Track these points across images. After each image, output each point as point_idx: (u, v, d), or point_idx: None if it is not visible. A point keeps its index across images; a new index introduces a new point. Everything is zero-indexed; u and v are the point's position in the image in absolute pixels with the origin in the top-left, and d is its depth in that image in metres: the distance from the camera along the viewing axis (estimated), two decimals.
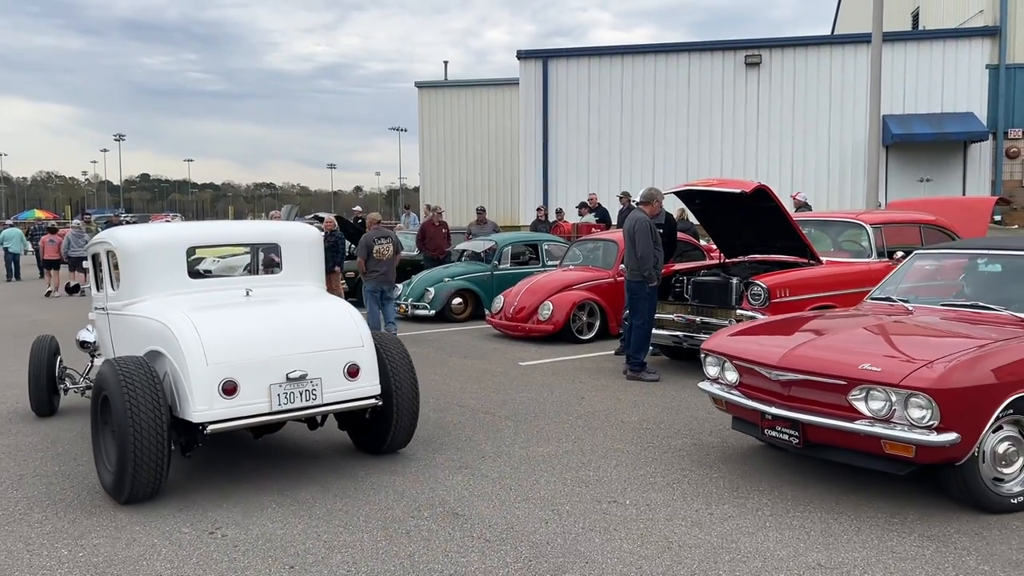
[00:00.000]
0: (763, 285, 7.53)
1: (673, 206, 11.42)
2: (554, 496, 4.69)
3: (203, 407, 4.66)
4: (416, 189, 43.27)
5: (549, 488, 4.82)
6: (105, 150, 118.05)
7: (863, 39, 20.80)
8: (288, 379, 4.85)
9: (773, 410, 4.66)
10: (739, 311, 7.68)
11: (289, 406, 4.87)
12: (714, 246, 9.65)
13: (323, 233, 13.54)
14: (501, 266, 13.12)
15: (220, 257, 11.12)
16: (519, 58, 25.25)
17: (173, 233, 5.86)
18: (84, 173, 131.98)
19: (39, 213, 55.39)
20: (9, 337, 11.58)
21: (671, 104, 24.34)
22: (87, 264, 6.52)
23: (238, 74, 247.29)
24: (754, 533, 4.12)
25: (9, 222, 28.17)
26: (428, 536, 4.16)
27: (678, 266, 9.22)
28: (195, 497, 4.78)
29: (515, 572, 3.73)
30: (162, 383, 4.72)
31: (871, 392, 4.24)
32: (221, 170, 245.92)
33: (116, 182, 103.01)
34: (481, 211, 16.88)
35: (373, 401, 5.18)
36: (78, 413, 6.84)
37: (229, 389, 4.71)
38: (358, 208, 24.01)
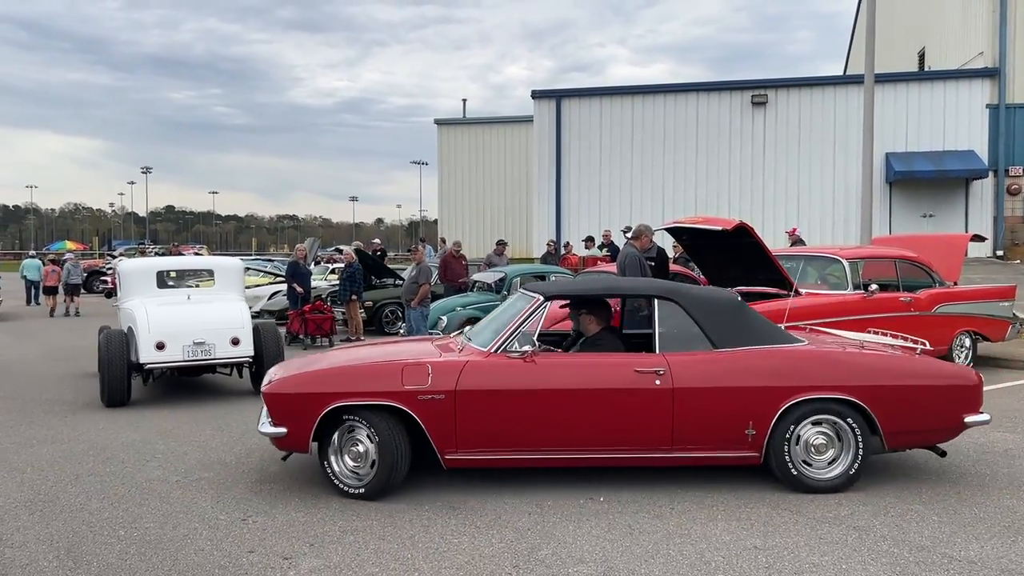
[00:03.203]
0: None
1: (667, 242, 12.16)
2: (538, 493, 5.39)
3: (145, 356, 8.69)
4: (435, 222, 44.34)
5: (535, 487, 5.52)
6: (132, 182, 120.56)
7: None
8: (194, 343, 8.81)
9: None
10: None
11: (194, 358, 8.84)
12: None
13: (343, 265, 14.42)
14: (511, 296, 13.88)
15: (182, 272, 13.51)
16: (533, 97, 26.27)
17: (149, 263, 10.48)
18: (111, 205, 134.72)
19: (70, 244, 56.99)
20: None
21: (680, 142, 25.22)
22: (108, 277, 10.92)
23: (262, 108, 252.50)
24: (706, 523, 4.81)
25: (32, 253, 29.97)
26: (427, 524, 4.88)
27: None
28: (229, 494, 5.54)
29: (498, 551, 4.44)
30: (129, 343, 8.74)
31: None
32: (245, 202, 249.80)
33: (142, 213, 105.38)
34: (501, 243, 17.75)
35: (247, 359, 9.10)
36: (122, 424, 7.65)
37: (160, 346, 8.69)
38: (377, 240, 24.98)
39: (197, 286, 10.22)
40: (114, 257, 33.41)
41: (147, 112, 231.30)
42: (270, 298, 18.00)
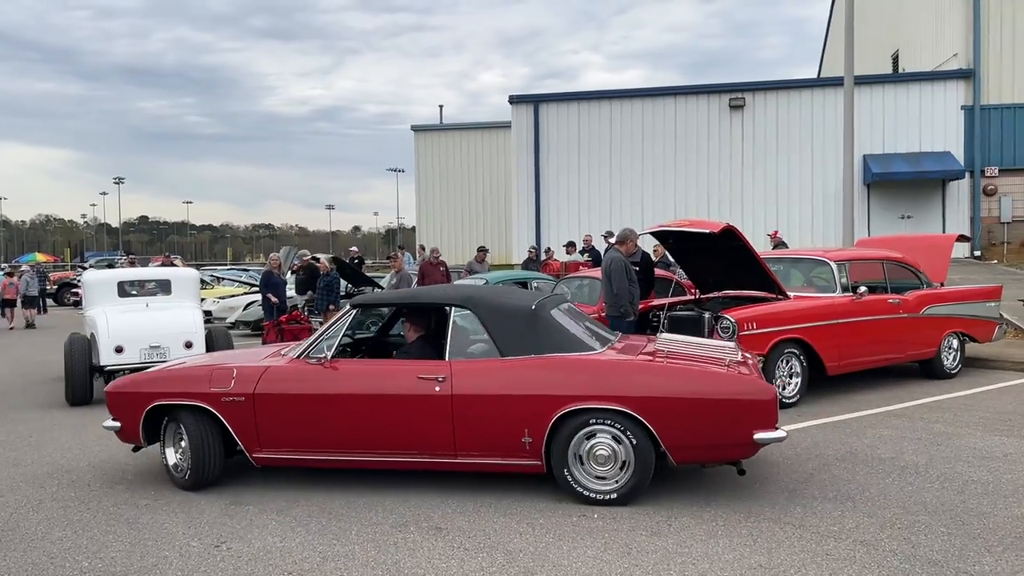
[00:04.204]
0: (731, 319, 8.04)
1: (650, 245, 11.97)
2: (529, 512, 5.14)
3: (105, 359, 9.46)
4: (413, 229, 44.00)
5: (526, 505, 5.27)
6: (104, 193, 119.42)
7: (843, 82, 21.60)
8: (150, 347, 9.55)
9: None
10: None
11: (150, 361, 9.15)
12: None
13: (321, 274, 14.09)
14: None
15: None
16: (511, 102, 26.07)
17: (111, 274, 11.20)
18: (83, 216, 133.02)
19: (40, 256, 55.96)
20: None
21: (658, 146, 25.13)
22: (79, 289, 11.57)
23: (235, 117, 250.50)
24: (706, 540, 4.58)
25: (5, 267, 29.63)
26: (413, 547, 4.61)
27: (656, 301, 9.74)
28: (202, 518, 5.23)
29: (489, 575, 4.19)
30: (91, 347, 9.53)
31: None
32: (219, 212, 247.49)
33: (115, 224, 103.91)
34: (482, 250, 17.48)
35: None
36: (85, 450, 7.29)
37: (119, 349, 9.46)
38: (354, 248, 24.62)
39: (156, 294, 10.95)
40: (84, 269, 32.99)
41: (118, 122, 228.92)
42: (245, 308, 17.62)
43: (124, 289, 10.61)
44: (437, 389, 5.28)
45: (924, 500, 5.18)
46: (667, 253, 11.65)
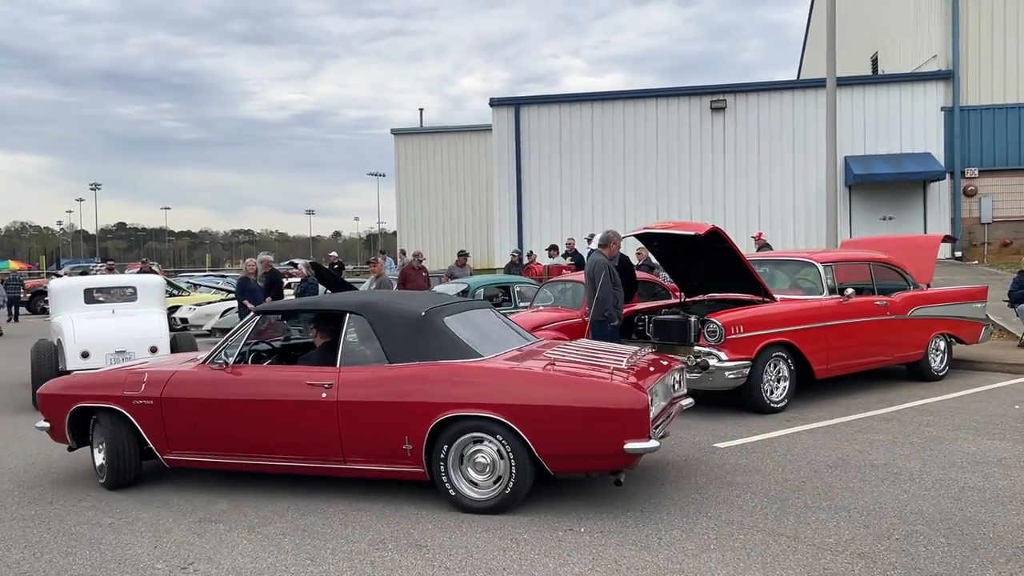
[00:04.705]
0: (718, 323, 7.87)
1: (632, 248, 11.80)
2: (513, 526, 4.92)
3: (71, 363, 9.39)
4: (395, 234, 43.66)
5: (509, 519, 5.05)
6: (80, 199, 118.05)
7: (824, 84, 21.60)
8: (116, 352, 9.47)
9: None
10: (697, 347, 8.01)
11: (116, 366, 7.75)
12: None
13: (299, 280, 13.79)
14: None
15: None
16: (492, 105, 25.87)
17: (77, 281, 11.48)
18: (59, 223, 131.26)
19: (13, 264, 55.05)
20: None
21: (640, 148, 25.01)
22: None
23: (214, 123, 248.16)
24: (698, 555, 4.38)
25: None
26: (391, 566, 4.38)
27: (641, 305, 9.56)
28: (168, 537, 4.97)
29: None
30: (57, 353, 9.57)
31: None
32: (198, 218, 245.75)
33: (92, 231, 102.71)
34: (463, 254, 17.24)
35: None
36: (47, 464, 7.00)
37: (85, 354, 9.46)
38: (334, 254, 24.34)
39: (124, 301, 11.13)
40: (58, 276, 32.57)
41: (95, 128, 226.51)
42: (222, 315, 17.28)
43: (90, 296, 10.73)
44: (324, 396, 5.37)
45: (921, 509, 5.02)
46: (651, 256, 11.48)
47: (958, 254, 23.00)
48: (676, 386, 5.96)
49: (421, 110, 44.81)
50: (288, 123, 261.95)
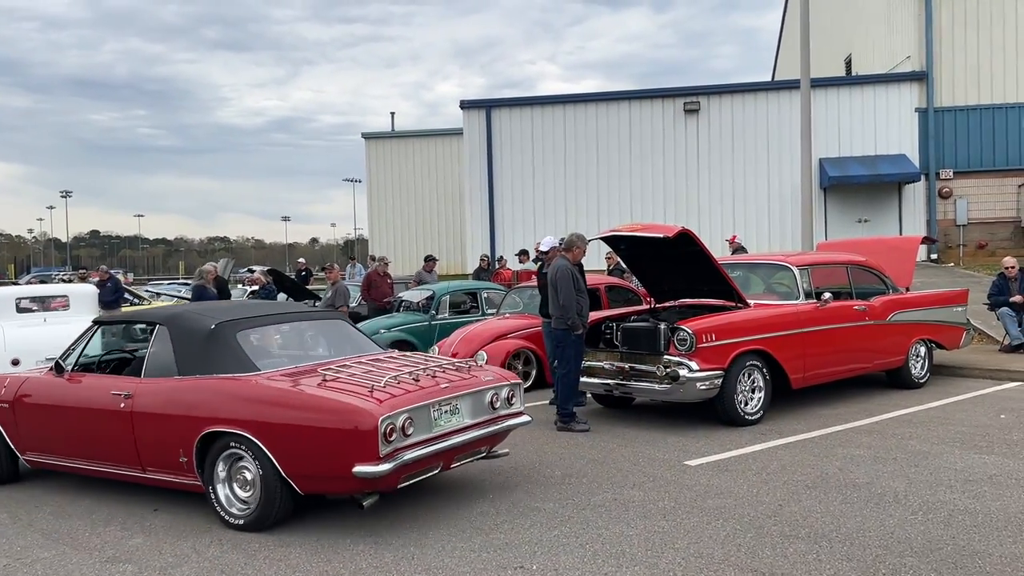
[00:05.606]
0: (689, 330, 7.41)
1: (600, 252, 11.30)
2: (457, 564, 4.40)
3: (2, 371, 8.56)
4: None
5: (454, 555, 4.52)
6: (51, 207, 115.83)
7: (797, 85, 21.34)
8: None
9: None
10: (667, 357, 7.53)
11: None
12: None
13: (254, 287, 13.19)
14: (440, 315, 12.85)
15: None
16: (462, 108, 25.37)
17: (8, 291, 11.68)
18: (30, 231, 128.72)
19: None
20: None
21: (613, 151, 24.60)
22: None
23: (189, 129, 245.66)
24: None
25: None
26: None
27: (608, 312, 9.08)
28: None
29: None
30: None
31: None
32: (173, 225, 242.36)
33: (64, 239, 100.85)
34: (430, 259, 16.65)
35: None
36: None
37: (15, 362, 9.36)
38: (302, 260, 23.70)
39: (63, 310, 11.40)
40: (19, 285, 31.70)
41: (68, 135, 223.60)
42: None
43: (22, 305, 11.06)
44: (122, 405, 5.47)
45: (908, 536, 4.55)
46: (620, 261, 11.01)
47: (934, 256, 22.79)
48: (496, 403, 5.59)
49: (392, 114, 44.19)
50: (264, 129, 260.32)
